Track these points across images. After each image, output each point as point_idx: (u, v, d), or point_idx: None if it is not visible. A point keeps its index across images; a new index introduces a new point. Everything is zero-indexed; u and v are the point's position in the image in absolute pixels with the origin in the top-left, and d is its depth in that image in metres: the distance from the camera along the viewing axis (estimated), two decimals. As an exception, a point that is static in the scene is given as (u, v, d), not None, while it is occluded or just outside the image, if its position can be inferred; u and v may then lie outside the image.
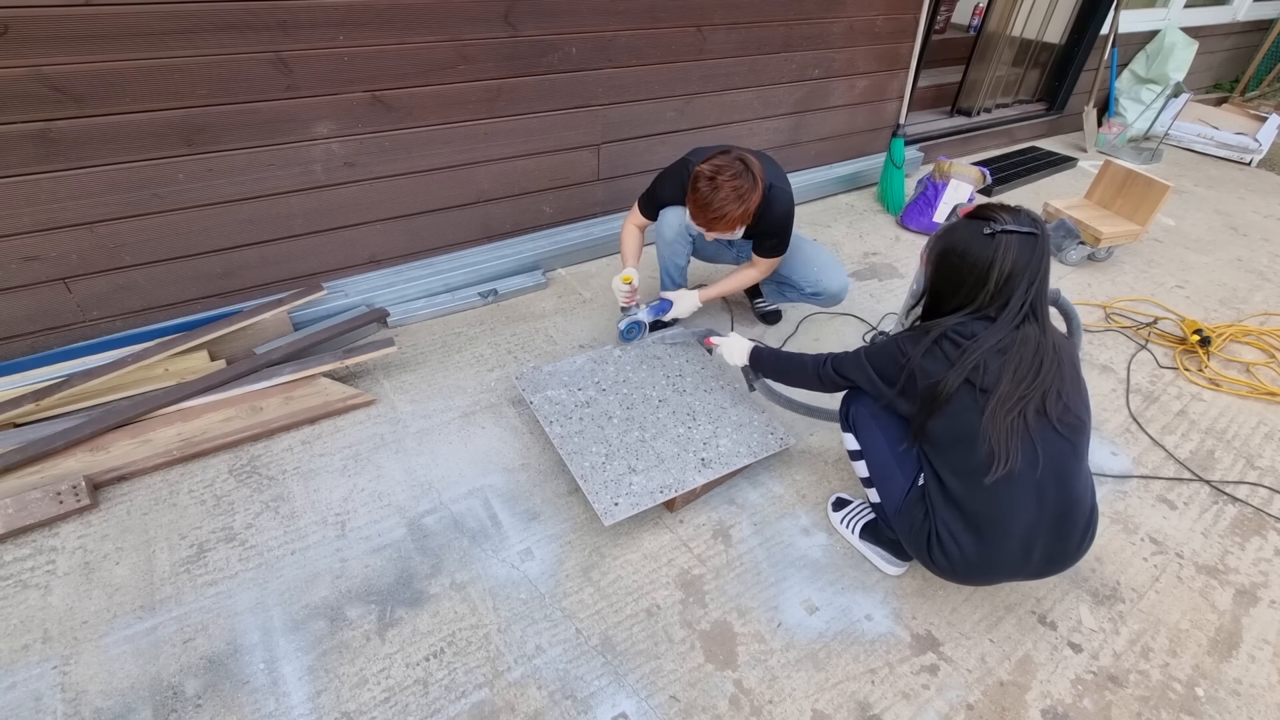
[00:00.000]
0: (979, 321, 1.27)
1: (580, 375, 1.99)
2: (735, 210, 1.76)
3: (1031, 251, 1.23)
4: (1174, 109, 4.51)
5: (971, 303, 1.28)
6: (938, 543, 1.32)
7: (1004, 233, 1.22)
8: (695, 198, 1.78)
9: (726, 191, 1.73)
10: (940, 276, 1.33)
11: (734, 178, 1.74)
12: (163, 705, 1.27)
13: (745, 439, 1.80)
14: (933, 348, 1.29)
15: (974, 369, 1.23)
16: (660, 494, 1.62)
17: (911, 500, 1.38)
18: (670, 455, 1.73)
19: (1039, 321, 1.26)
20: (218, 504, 1.67)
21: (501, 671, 1.36)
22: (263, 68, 1.85)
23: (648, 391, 1.94)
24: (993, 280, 1.23)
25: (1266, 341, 2.57)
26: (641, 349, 2.12)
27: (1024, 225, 1.23)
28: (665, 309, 2.16)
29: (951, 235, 1.30)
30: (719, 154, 1.79)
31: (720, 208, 1.74)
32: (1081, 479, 1.30)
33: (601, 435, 1.78)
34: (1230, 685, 1.43)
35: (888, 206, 3.48)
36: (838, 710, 1.34)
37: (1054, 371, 1.25)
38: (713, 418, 1.86)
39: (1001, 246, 1.22)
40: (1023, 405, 1.22)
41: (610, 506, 1.58)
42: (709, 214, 1.77)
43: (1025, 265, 1.23)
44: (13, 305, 1.83)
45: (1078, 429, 1.28)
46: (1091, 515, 1.34)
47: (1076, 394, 1.30)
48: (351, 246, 2.30)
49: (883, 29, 3.24)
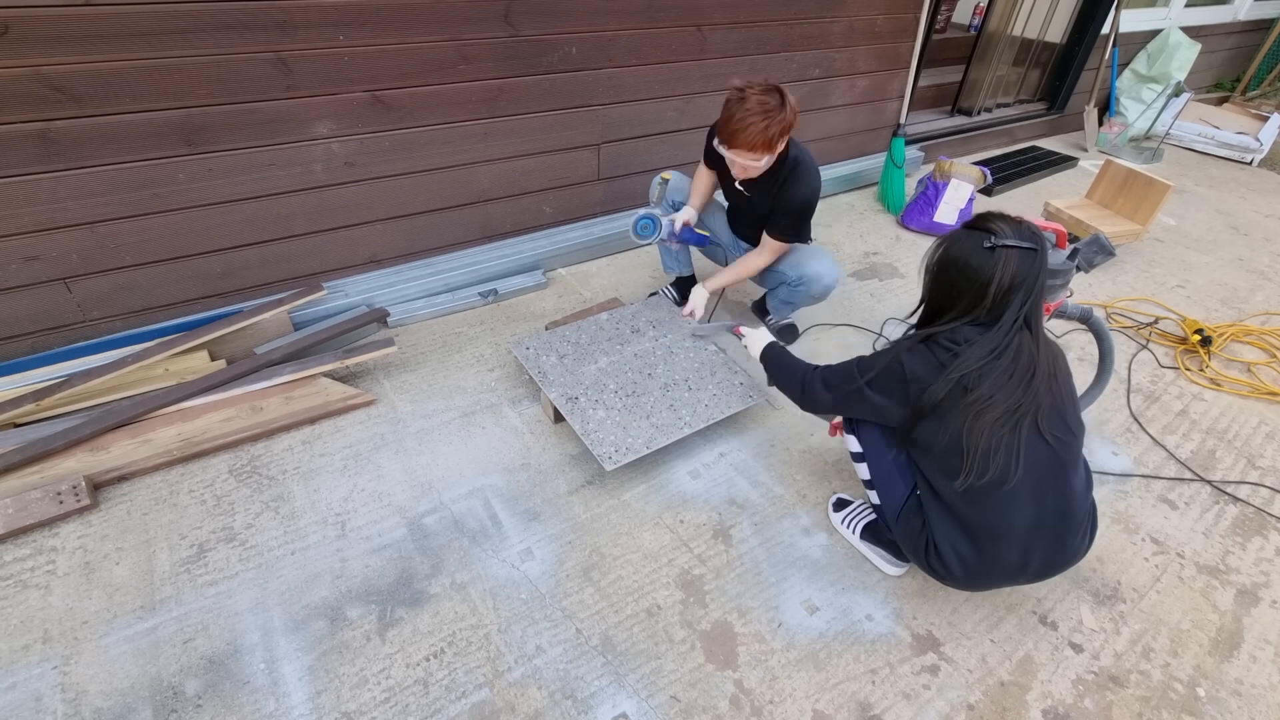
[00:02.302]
0: (972, 328, 1.27)
1: (577, 344, 2.11)
2: (758, 125, 1.70)
3: (1030, 266, 1.23)
4: (1175, 108, 4.50)
5: (968, 314, 1.28)
6: (936, 553, 1.33)
7: (1004, 247, 1.22)
8: (726, 112, 1.76)
9: (753, 103, 1.70)
10: (938, 286, 1.33)
11: (762, 93, 1.71)
12: (163, 705, 1.27)
13: (725, 396, 1.95)
14: (925, 351, 1.29)
15: (965, 375, 1.23)
16: (651, 445, 1.78)
17: (910, 508, 1.39)
18: (661, 411, 1.89)
19: (1033, 333, 1.27)
20: (218, 504, 1.67)
21: (502, 672, 1.36)
22: (262, 68, 1.85)
23: (640, 360, 2.06)
24: (990, 293, 1.23)
25: (1268, 341, 2.57)
26: (634, 340, 2.14)
27: (1024, 240, 1.23)
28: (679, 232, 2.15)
29: (952, 246, 1.29)
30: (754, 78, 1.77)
31: (743, 120, 1.71)
32: (1078, 484, 1.31)
33: (600, 397, 1.91)
34: (1231, 685, 1.43)
35: (888, 206, 3.48)
36: (838, 710, 1.34)
37: (1047, 383, 1.25)
38: (694, 385, 1.99)
39: (1001, 260, 1.22)
40: (1016, 416, 1.22)
41: (611, 452, 1.74)
42: (731, 126, 1.73)
43: (1023, 280, 1.22)
44: (13, 305, 1.83)
45: (1070, 440, 1.29)
46: (1091, 516, 1.34)
47: (1070, 405, 1.31)
48: (351, 246, 2.30)
49: (883, 28, 3.24)
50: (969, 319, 1.27)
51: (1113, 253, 2.74)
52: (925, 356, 1.29)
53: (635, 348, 2.10)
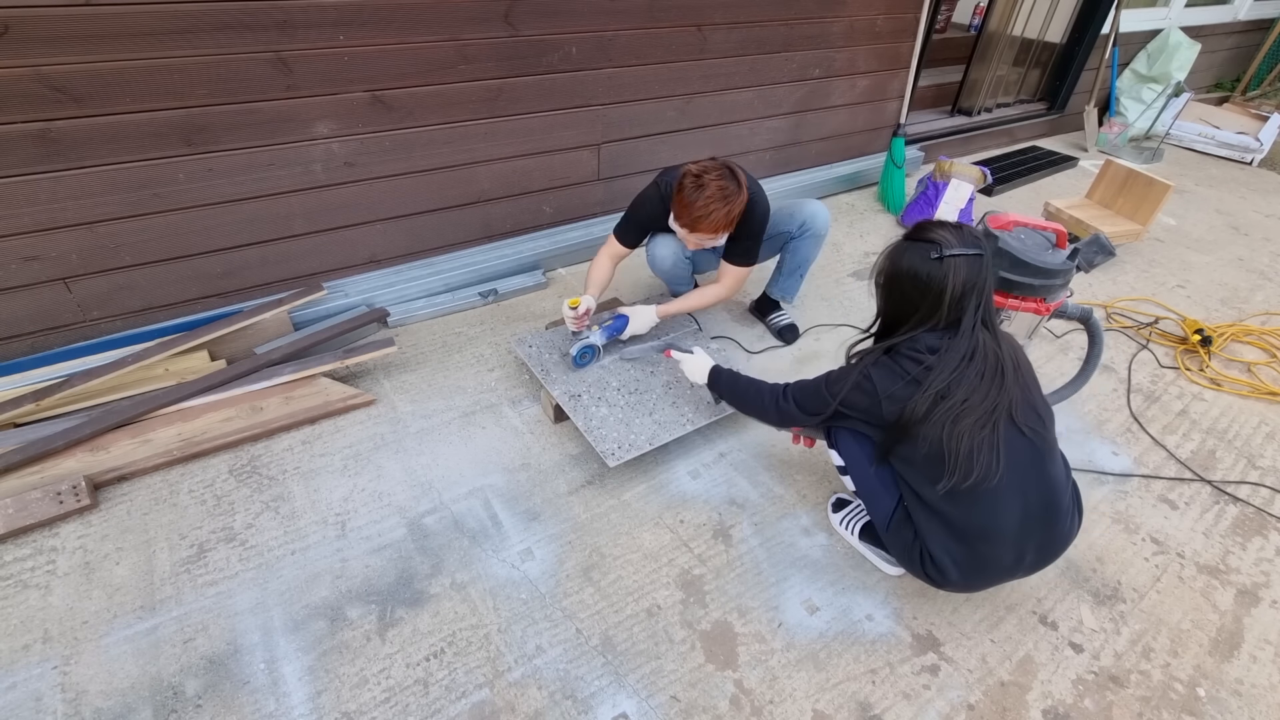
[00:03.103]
0: (930, 335, 1.29)
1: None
2: (720, 211, 1.75)
3: (979, 270, 1.25)
4: (1175, 108, 4.50)
5: (924, 323, 1.29)
6: (932, 561, 1.34)
7: (952, 256, 1.24)
8: (680, 198, 1.78)
9: (713, 190, 1.74)
10: (891, 300, 1.36)
11: (720, 178, 1.75)
12: (163, 705, 1.27)
13: None
14: (889, 363, 1.31)
15: (943, 386, 1.24)
16: (654, 442, 1.78)
17: (899, 520, 1.39)
18: (664, 408, 1.89)
19: (991, 331, 1.29)
20: (218, 504, 1.67)
21: (502, 671, 1.36)
22: (263, 68, 1.85)
23: (643, 358, 2.08)
24: (946, 302, 1.25)
25: (1268, 341, 2.57)
26: None
27: (969, 247, 1.25)
28: (621, 327, 2.02)
29: (900, 260, 1.30)
30: (705, 161, 1.80)
31: (705, 207, 1.74)
32: (1056, 471, 1.33)
33: (603, 395, 1.92)
34: (1232, 685, 1.43)
35: (888, 206, 3.48)
36: (838, 710, 1.34)
37: (1014, 377, 1.27)
38: None
39: (950, 269, 1.24)
40: (994, 416, 1.24)
41: (614, 449, 1.75)
42: (694, 213, 1.76)
43: (974, 283, 1.25)
44: (13, 305, 1.83)
45: (1043, 429, 1.31)
46: (1075, 498, 1.38)
47: (1036, 393, 1.34)
48: (351, 246, 2.30)
49: (883, 28, 3.24)
50: (926, 327, 1.29)
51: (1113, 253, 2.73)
52: (891, 368, 1.31)
53: (637, 346, 2.10)
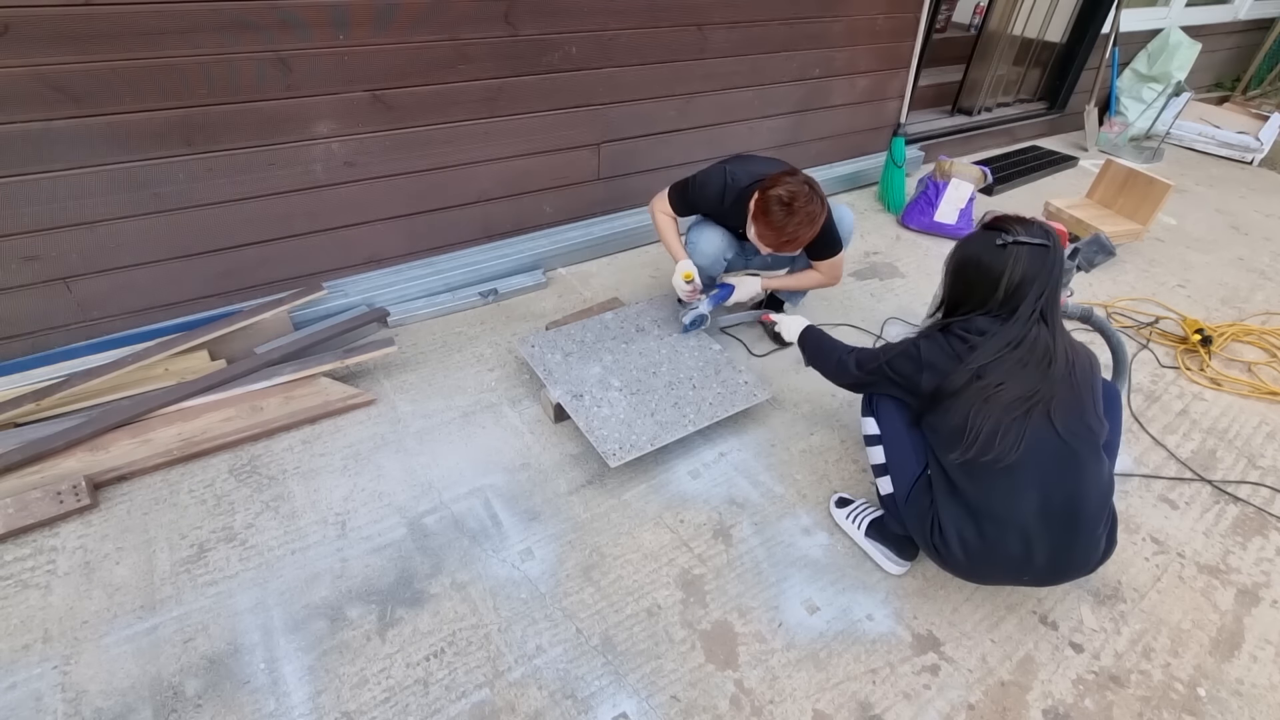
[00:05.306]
0: (986, 319, 1.34)
1: (581, 343, 2.12)
2: (808, 234, 1.83)
3: (1043, 262, 1.30)
4: (1175, 108, 4.50)
5: (981, 306, 1.36)
6: (940, 532, 1.35)
7: (1015, 244, 1.30)
8: (769, 220, 1.79)
9: (802, 217, 1.78)
10: (956, 284, 1.43)
11: (808, 203, 1.78)
12: (163, 705, 1.27)
13: (729, 394, 1.97)
14: (940, 339, 1.38)
15: (983, 364, 1.29)
16: (655, 442, 1.78)
17: (920, 487, 1.42)
18: (665, 409, 1.90)
19: (1049, 326, 1.32)
20: (218, 504, 1.67)
21: (502, 671, 1.36)
22: (263, 67, 1.85)
23: (644, 359, 2.08)
24: (1002, 288, 1.32)
25: (1268, 341, 2.57)
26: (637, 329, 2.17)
27: (1035, 236, 1.32)
28: (726, 296, 2.15)
29: (968, 245, 1.40)
30: (785, 175, 1.81)
31: (795, 232, 1.80)
32: (1092, 487, 1.30)
33: (605, 395, 1.93)
34: (1232, 685, 1.43)
35: (888, 206, 3.48)
36: (839, 710, 1.34)
37: (1065, 377, 1.29)
38: (698, 383, 2.00)
39: (1012, 257, 1.30)
40: (1029, 404, 1.26)
41: (615, 449, 1.75)
42: (782, 237, 1.81)
43: (1035, 274, 1.30)
44: (13, 305, 1.83)
45: (1087, 437, 1.30)
46: (1109, 526, 1.35)
47: (1090, 403, 1.32)
48: (351, 246, 2.30)
49: (883, 28, 3.24)
50: (982, 311, 1.35)
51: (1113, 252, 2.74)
52: (940, 343, 1.38)
53: (639, 346, 2.11)
